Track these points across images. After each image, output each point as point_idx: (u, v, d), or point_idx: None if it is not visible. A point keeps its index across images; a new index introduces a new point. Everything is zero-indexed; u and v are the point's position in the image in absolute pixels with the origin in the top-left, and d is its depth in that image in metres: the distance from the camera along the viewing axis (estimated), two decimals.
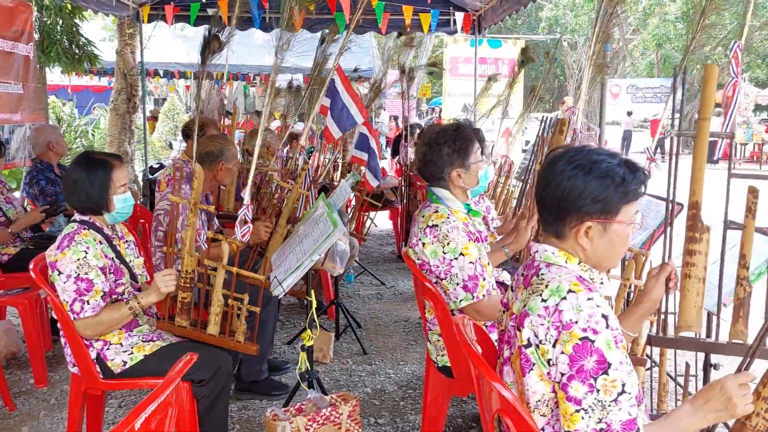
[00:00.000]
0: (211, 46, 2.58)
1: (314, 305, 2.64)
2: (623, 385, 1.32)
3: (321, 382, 2.90)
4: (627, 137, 20.26)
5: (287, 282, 2.48)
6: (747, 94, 20.17)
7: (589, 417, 1.32)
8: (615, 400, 1.31)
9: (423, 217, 2.47)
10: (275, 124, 7.91)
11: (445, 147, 2.47)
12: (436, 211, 2.45)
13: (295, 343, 4.05)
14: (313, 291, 2.78)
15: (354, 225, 5.49)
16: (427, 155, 2.51)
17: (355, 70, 6.93)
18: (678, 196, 1.97)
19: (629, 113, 20.79)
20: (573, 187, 1.43)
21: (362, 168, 4.63)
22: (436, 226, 2.40)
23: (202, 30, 2.82)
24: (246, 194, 2.69)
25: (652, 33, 22.51)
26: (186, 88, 20.42)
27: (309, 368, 2.74)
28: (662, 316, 1.96)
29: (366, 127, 4.35)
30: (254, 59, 9.75)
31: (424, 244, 2.41)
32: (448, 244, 2.37)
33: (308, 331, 2.65)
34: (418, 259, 2.46)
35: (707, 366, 2.27)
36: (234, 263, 2.63)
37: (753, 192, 1.75)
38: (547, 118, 3.98)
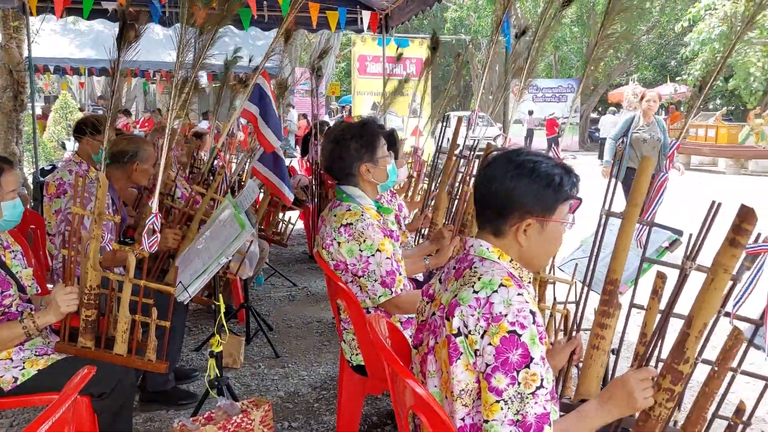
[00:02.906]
0: (126, 36, 2.40)
1: (223, 309, 2.56)
2: (542, 380, 1.37)
3: (231, 389, 2.82)
4: (530, 135, 21.13)
5: (193, 287, 2.39)
6: (636, 94, 21.42)
7: (508, 408, 1.36)
8: (533, 393, 1.36)
9: (335, 216, 2.44)
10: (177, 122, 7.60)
11: (353, 142, 2.46)
12: (349, 209, 2.43)
13: (203, 349, 3.91)
14: (221, 295, 2.69)
15: (269, 230, 5.36)
16: (335, 152, 2.49)
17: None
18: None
19: (530, 112, 21.63)
20: (517, 186, 1.50)
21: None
22: (351, 224, 2.38)
23: (96, 24, 2.64)
24: (154, 202, 2.55)
25: (549, 35, 23.49)
26: (80, 84, 19.35)
27: (218, 375, 2.66)
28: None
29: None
30: (154, 55, 9.38)
31: (339, 243, 2.39)
32: (364, 241, 2.36)
33: (217, 336, 2.56)
34: (332, 259, 2.44)
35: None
36: (143, 271, 2.50)
37: (661, 277, 1.71)
38: (448, 116, 4.06)
